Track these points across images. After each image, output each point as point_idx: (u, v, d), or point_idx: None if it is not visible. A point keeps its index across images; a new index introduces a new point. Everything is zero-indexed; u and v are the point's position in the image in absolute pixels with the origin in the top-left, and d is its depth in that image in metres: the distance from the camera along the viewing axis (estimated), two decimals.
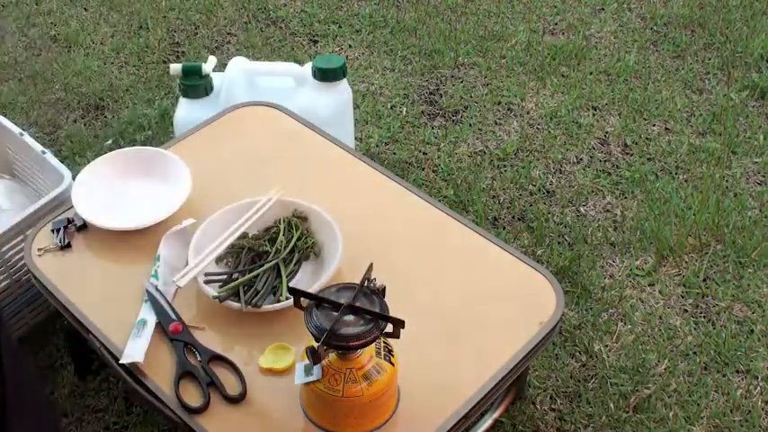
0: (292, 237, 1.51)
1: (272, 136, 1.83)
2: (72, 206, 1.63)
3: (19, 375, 0.84)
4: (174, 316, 1.42)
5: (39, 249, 1.56)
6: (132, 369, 1.37)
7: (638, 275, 2.01)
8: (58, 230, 1.59)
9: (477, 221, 2.10)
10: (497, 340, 1.41)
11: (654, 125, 2.45)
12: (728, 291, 1.97)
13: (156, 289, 1.44)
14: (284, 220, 1.54)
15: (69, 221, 1.60)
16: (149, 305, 1.44)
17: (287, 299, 1.42)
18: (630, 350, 1.84)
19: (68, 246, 1.56)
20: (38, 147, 1.89)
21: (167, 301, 1.43)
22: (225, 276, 1.47)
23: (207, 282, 1.45)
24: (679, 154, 2.34)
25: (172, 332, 1.40)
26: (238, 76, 2.03)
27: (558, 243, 2.09)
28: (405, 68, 2.66)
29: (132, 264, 1.54)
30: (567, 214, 2.17)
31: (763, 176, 2.28)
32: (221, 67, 2.16)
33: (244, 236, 1.53)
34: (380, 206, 1.66)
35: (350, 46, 2.77)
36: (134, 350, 1.37)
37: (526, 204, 2.20)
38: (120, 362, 1.37)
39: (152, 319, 1.42)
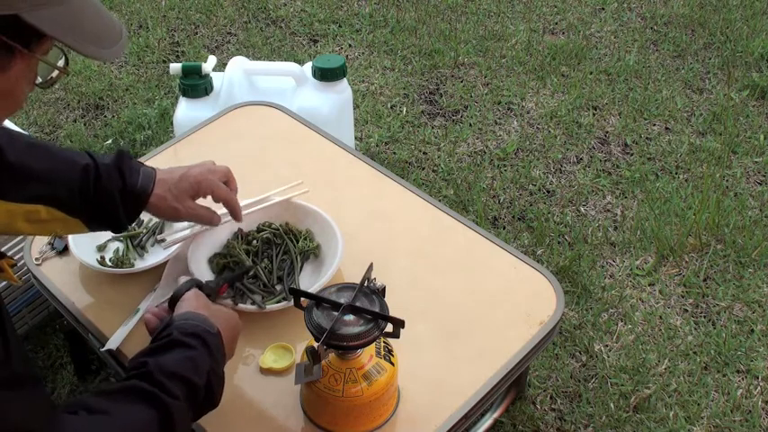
0: (279, 243, 1.51)
1: (272, 136, 1.83)
2: None
3: None
4: None
5: (36, 258, 1.55)
6: (117, 357, 1.37)
7: (638, 275, 2.01)
8: (53, 238, 1.58)
9: (478, 221, 2.10)
10: (497, 340, 1.41)
11: (654, 125, 2.45)
12: (729, 291, 1.97)
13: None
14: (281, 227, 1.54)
15: None
16: (151, 295, 1.44)
17: (284, 299, 1.42)
18: (631, 350, 1.84)
19: (65, 250, 1.55)
20: None
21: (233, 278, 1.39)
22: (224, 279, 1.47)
23: (207, 283, 1.45)
24: (679, 154, 2.34)
25: None
26: (238, 76, 2.03)
27: (558, 243, 2.09)
28: (405, 68, 2.66)
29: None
30: (567, 214, 2.17)
31: (764, 176, 2.28)
32: (221, 66, 2.16)
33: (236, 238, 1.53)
34: (380, 206, 1.66)
35: (350, 46, 2.77)
36: (113, 339, 1.37)
37: (526, 204, 2.20)
38: (101, 350, 1.37)
39: (144, 308, 1.42)
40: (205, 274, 1.47)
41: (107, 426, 0.94)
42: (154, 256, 1.53)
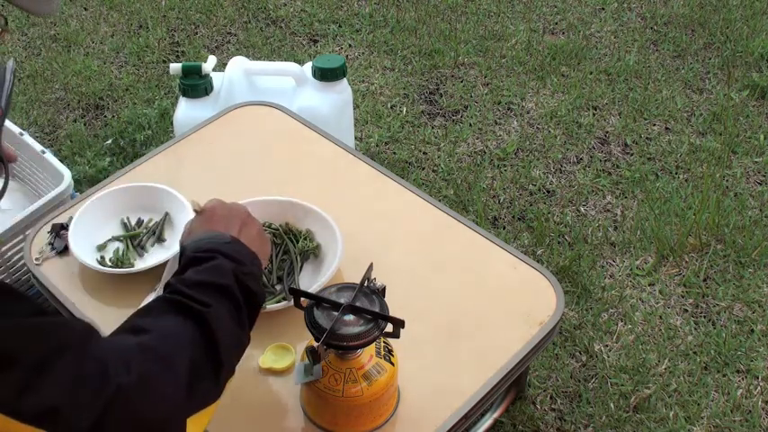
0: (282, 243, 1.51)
1: (273, 136, 1.83)
2: (69, 207, 1.63)
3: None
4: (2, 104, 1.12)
5: (36, 258, 1.55)
6: None
7: (638, 275, 2.01)
8: (54, 238, 1.57)
9: (478, 221, 2.10)
10: (497, 340, 1.41)
11: (654, 125, 2.45)
12: (729, 291, 1.97)
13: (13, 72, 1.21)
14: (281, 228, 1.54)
15: (63, 227, 1.59)
16: (151, 295, 1.44)
17: (284, 299, 1.42)
18: (630, 350, 1.84)
19: (65, 250, 1.55)
20: (37, 146, 1.90)
21: (9, 89, 1.12)
22: None
23: None
24: (679, 154, 2.34)
25: None
26: (238, 76, 2.03)
27: (558, 243, 2.09)
28: (405, 68, 2.66)
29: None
30: (567, 214, 2.17)
31: (764, 176, 2.28)
32: (221, 66, 2.16)
33: None
34: (380, 206, 1.66)
35: (350, 46, 2.77)
36: None
37: (526, 204, 2.20)
38: None
39: None
40: None
41: (148, 340, 0.94)
42: (154, 256, 1.53)
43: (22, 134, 1.92)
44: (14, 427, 0.79)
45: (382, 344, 1.27)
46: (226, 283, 1.03)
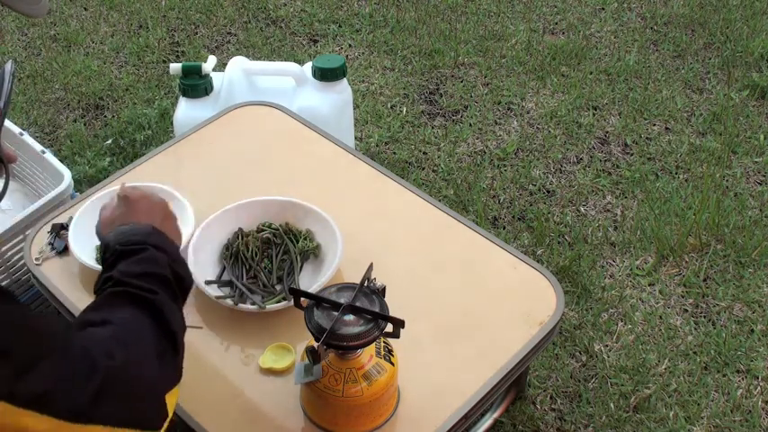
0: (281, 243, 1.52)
1: (273, 136, 1.83)
2: (70, 207, 1.63)
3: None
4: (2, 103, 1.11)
5: (36, 258, 1.55)
6: None
7: (638, 275, 2.01)
8: (54, 238, 1.57)
9: (478, 221, 2.10)
10: (497, 340, 1.41)
11: (654, 125, 2.45)
12: (729, 291, 1.97)
13: (12, 73, 1.13)
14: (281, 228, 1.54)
15: (63, 227, 1.59)
16: None
17: (284, 299, 1.42)
18: (630, 350, 1.84)
19: (65, 250, 1.55)
20: (37, 146, 1.89)
21: (9, 90, 1.12)
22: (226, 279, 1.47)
23: (207, 283, 1.45)
24: (679, 154, 2.34)
25: None
26: (238, 76, 2.03)
27: (558, 243, 2.09)
28: (405, 68, 2.66)
29: None
30: (567, 214, 2.17)
31: (764, 176, 2.28)
32: (221, 66, 2.16)
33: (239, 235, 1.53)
34: (380, 206, 1.66)
35: (350, 46, 2.77)
36: None
37: (526, 204, 2.20)
38: None
39: None
40: (207, 273, 1.48)
41: (117, 331, 0.96)
42: None
43: (22, 134, 1.92)
44: (12, 413, 0.82)
45: (382, 344, 1.27)
46: (163, 272, 1.06)
